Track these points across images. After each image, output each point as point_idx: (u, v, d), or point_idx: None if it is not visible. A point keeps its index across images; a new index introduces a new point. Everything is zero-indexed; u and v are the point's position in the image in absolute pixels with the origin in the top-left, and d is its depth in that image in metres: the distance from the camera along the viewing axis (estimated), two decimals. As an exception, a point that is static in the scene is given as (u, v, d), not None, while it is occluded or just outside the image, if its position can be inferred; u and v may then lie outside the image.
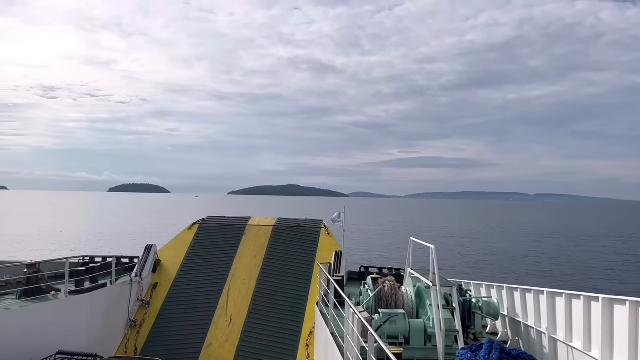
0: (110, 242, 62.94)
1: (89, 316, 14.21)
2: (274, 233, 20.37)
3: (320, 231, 20.47)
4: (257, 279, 18.14)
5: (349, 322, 8.98)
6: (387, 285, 11.37)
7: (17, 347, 11.37)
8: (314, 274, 17.84)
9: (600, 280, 43.62)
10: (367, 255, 53.39)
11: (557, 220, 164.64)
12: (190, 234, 20.51)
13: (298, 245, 19.72)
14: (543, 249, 69.07)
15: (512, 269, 48.96)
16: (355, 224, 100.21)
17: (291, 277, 18.15)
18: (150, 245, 18.50)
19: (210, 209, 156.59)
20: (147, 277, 17.67)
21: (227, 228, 20.89)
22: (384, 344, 6.98)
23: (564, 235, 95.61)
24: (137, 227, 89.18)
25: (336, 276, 14.44)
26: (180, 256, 19.27)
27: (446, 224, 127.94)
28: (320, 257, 18.51)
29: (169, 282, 18.13)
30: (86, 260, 17.85)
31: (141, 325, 16.39)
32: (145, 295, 17.25)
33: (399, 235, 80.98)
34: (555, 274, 46.47)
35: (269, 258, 19.08)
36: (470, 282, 15.21)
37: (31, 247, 54.74)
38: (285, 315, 16.66)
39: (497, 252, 62.97)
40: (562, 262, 55.25)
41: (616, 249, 70.55)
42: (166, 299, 17.45)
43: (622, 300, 7.63)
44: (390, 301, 11.11)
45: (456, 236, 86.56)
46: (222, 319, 16.67)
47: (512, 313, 12.17)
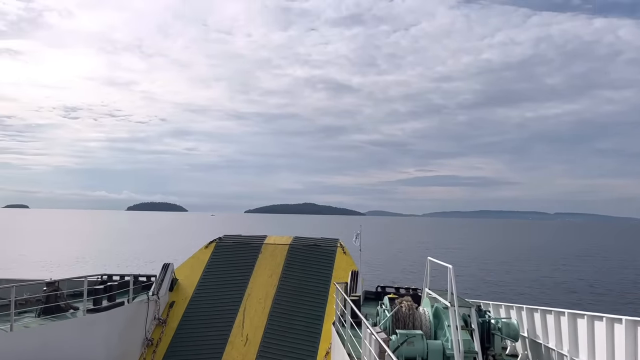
0: (128, 261, 63.41)
1: (107, 334, 14.28)
2: (290, 252, 20.34)
3: (337, 250, 20.37)
4: (273, 298, 18.09)
5: (366, 343, 8.91)
6: (405, 305, 11.26)
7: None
8: (330, 293, 17.73)
9: (623, 303, 42.58)
10: (384, 275, 52.94)
11: (579, 239, 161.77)
12: (207, 253, 20.58)
13: (314, 265, 19.63)
14: (565, 269, 67.78)
15: (532, 290, 48.07)
16: (372, 243, 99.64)
17: (307, 297, 18.05)
18: (167, 264, 18.61)
19: (226, 227, 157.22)
20: (164, 295, 17.73)
21: (243, 247, 20.92)
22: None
23: (587, 255, 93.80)
24: (154, 245, 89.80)
25: (353, 296, 14.35)
26: (197, 275, 19.33)
27: (464, 243, 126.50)
28: (336, 277, 18.41)
29: (185, 300, 18.17)
30: (104, 278, 18.01)
31: (158, 344, 16.40)
32: (162, 314, 17.30)
33: (416, 255, 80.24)
34: (577, 295, 45.50)
35: (285, 277, 19.03)
36: (489, 303, 14.98)
37: (50, 266, 55.41)
38: (302, 335, 16.53)
39: (517, 272, 61.94)
40: (586, 283, 54.11)
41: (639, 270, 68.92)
42: (183, 317, 17.48)
43: None
44: (408, 322, 10.99)
45: (474, 256, 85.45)
46: (238, 339, 16.62)
47: (532, 334, 11.94)
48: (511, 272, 62.57)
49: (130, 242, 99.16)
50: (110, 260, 64.09)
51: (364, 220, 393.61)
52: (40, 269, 52.01)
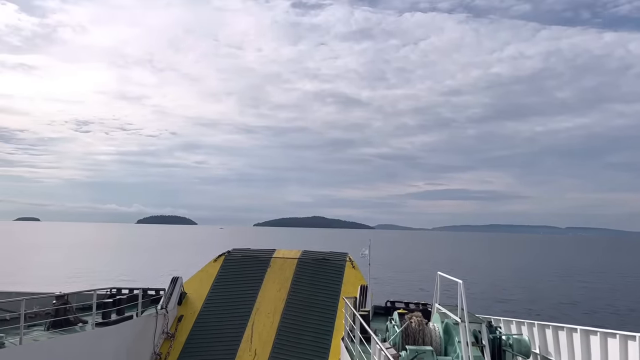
0: (137, 274, 63.55)
1: (115, 348, 14.28)
2: (298, 266, 20.28)
3: (346, 264, 20.26)
4: (281, 312, 18.01)
5: (376, 359, 8.82)
6: (415, 320, 11.15)
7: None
8: (339, 308, 17.61)
9: (637, 319, 41.89)
10: (394, 290, 52.55)
11: (592, 254, 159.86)
12: (216, 267, 20.58)
13: (323, 279, 19.54)
14: (578, 284, 66.95)
15: (544, 306, 47.46)
16: (381, 257, 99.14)
17: (316, 311, 17.94)
18: (176, 278, 18.61)
19: (235, 241, 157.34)
20: (173, 309, 17.72)
21: (252, 260, 20.90)
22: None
23: (599, 270, 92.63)
24: (163, 259, 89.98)
25: (362, 311, 14.25)
26: (206, 289, 19.31)
27: (474, 258, 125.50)
28: (345, 291, 18.30)
29: (194, 314, 18.14)
30: (113, 292, 18.06)
31: (166, 358, 16.37)
32: (170, 328, 17.27)
33: (426, 269, 79.65)
34: (590, 312, 44.85)
35: (293, 291, 18.95)
36: (500, 319, 14.82)
37: (60, 279, 55.66)
38: (310, 350, 16.41)
39: (529, 288, 61.26)
40: (599, 300, 53.36)
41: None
42: (191, 331, 17.44)
43: None
44: (418, 337, 10.88)
45: (485, 271, 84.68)
46: (247, 353, 16.53)
47: (544, 351, 11.77)
48: (523, 287, 61.87)
49: (140, 255, 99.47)
50: (120, 273, 64.29)
51: (374, 234, 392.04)
52: (50, 282, 52.23)
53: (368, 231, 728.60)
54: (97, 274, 62.86)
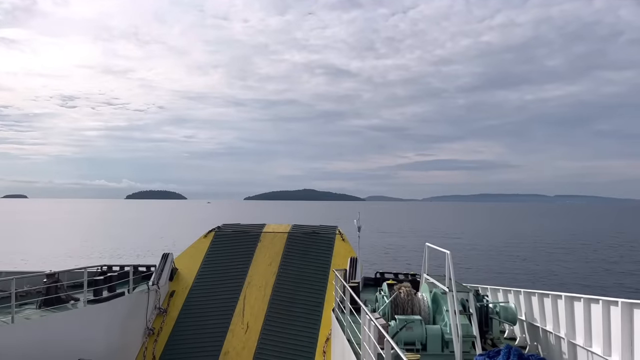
0: (127, 251, 63.63)
1: (108, 325, 14.42)
2: (288, 240, 20.48)
3: (335, 237, 20.53)
4: (272, 285, 18.25)
5: (365, 329, 9.01)
6: (403, 291, 11.38)
7: (37, 356, 11.60)
8: (329, 280, 17.90)
9: (620, 285, 42.93)
10: (383, 261, 53.23)
11: (576, 222, 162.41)
12: (206, 242, 20.70)
13: (313, 252, 19.79)
14: (562, 252, 68.18)
15: (530, 274, 48.41)
16: (371, 228, 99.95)
17: (307, 284, 18.22)
18: (167, 254, 18.73)
19: (225, 216, 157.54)
20: (164, 285, 17.87)
21: (243, 235, 21.05)
22: (400, 350, 7.02)
23: (584, 237, 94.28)
24: (153, 235, 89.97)
25: (352, 282, 14.48)
26: (197, 264, 19.47)
27: (463, 228, 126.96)
28: (335, 264, 18.56)
29: (185, 290, 18.32)
30: (104, 269, 18.13)
31: (159, 334, 16.57)
32: (162, 304, 17.45)
33: (416, 240, 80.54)
34: (574, 279, 45.83)
35: (284, 265, 19.18)
36: (487, 287, 15.12)
37: (50, 257, 55.59)
38: (302, 321, 16.72)
39: (515, 257, 62.31)
40: (582, 266, 54.48)
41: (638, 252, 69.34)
42: (183, 307, 17.63)
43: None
44: (407, 307, 11.11)
45: (473, 240, 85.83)
46: (239, 327, 16.79)
47: (530, 318, 12.09)
48: (510, 256, 62.91)
49: (129, 231, 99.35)
50: (110, 250, 64.33)
51: (364, 206, 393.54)
52: (40, 260, 52.18)
53: (359, 203, 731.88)
54: (87, 251, 62.84)
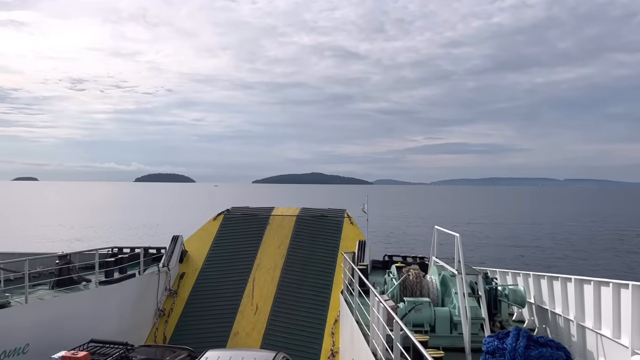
0: (137, 233, 64.22)
1: (119, 306, 14.64)
2: (297, 223, 20.58)
3: (344, 221, 20.60)
4: (281, 268, 18.40)
5: (374, 311, 9.07)
6: (412, 273, 11.42)
7: (51, 335, 11.82)
8: (337, 263, 18.01)
9: (631, 267, 42.80)
10: (391, 244, 53.37)
11: (586, 205, 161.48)
12: (216, 225, 20.85)
13: (321, 235, 19.90)
14: (571, 236, 67.96)
15: (539, 257, 48.36)
16: (380, 212, 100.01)
17: (315, 266, 18.35)
18: (176, 236, 18.90)
19: (233, 198, 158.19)
20: (175, 267, 18.07)
21: (252, 218, 21.17)
22: (409, 331, 7.07)
23: (592, 221, 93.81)
24: (162, 217, 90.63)
25: (360, 265, 14.55)
26: (206, 246, 19.63)
27: (472, 211, 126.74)
28: (343, 247, 18.64)
29: (195, 272, 18.51)
30: (115, 251, 18.35)
31: (169, 315, 16.81)
32: (172, 285, 17.66)
33: (424, 224, 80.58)
34: (584, 262, 45.72)
35: (293, 247, 19.31)
36: (495, 270, 15.13)
37: (62, 239, 56.28)
38: (310, 303, 16.88)
39: (524, 240, 62.21)
40: (590, 249, 54.32)
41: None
42: (193, 288, 17.85)
43: None
44: (415, 290, 11.16)
45: (482, 223, 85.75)
46: (248, 308, 16.97)
47: (539, 301, 12.10)
48: (519, 240, 62.80)
49: (139, 214, 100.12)
50: (120, 232, 64.96)
51: (372, 190, 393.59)
52: (52, 242, 52.84)
53: (367, 187, 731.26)
54: (97, 233, 63.50)
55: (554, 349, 6.81)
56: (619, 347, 8.21)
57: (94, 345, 11.36)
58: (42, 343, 11.51)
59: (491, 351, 6.94)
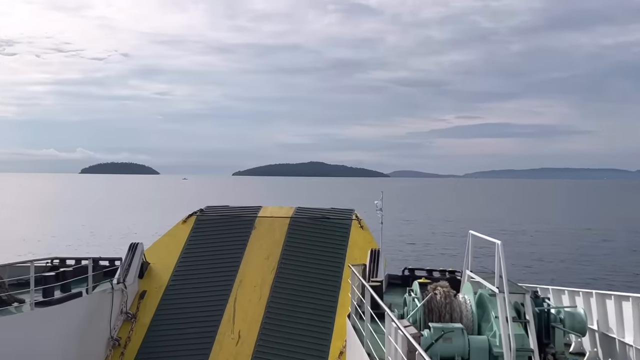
0: (85, 240, 64.20)
1: (61, 333, 14.62)
2: (291, 227, 20.58)
3: (352, 224, 20.59)
4: (271, 285, 18.40)
5: (391, 340, 9.10)
6: (440, 292, 11.43)
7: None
8: (343, 278, 17.99)
9: None
10: (413, 254, 53.46)
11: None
12: (186, 229, 20.84)
13: (323, 242, 19.89)
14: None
15: (605, 272, 48.40)
16: (398, 212, 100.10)
17: (315, 283, 18.35)
18: (135, 244, 18.86)
19: (209, 195, 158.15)
20: (133, 284, 18.07)
21: (232, 221, 21.17)
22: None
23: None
24: (117, 220, 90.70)
25: (373, 281, 14.57)
26: (174, 257, 19.63)
27: (518, 211, 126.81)
28: (351, 257, 18.65)
29: (159, 290, 18.52)
30: (56, 263, 18.32)
31: (126, 345, 16.83)
32: (130, 307, 17.67)
33: (455, 228, 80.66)
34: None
35: (285, 259, 19.31)
36: (548, 288, 15.18)
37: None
38: (309, 330, 16.90)
39: (585, 249, 62.25)
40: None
41: None
42: (157, 311, 17.85)
43: None
44: (444, 313, 11.17)
45: (530, 227, 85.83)
46: (228, 337, 17.01)
47: (603, 327, 12.13)
48: (578, 249, 62.84)
49: (86, 215, 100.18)
50: (63, 239, 64.93)
51: (388, 184, 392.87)
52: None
53: (381, 180, 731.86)
54: (33, 240, 63.44)
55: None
56: None
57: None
58: None
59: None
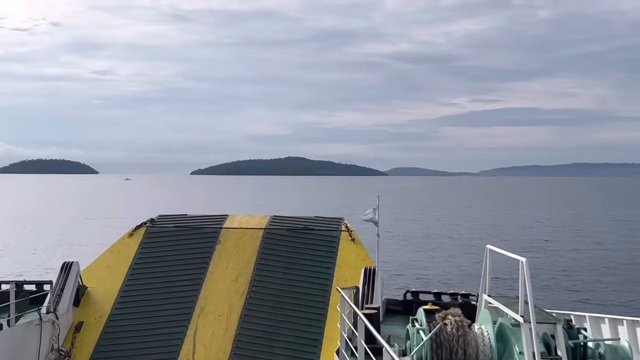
0: (4, 258, 63.63)
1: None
2: (265, 240, 20.56)
3: (340, 236, 20.61)
4: (240, 314, 18.33)
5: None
6: (451, 322, 11.52)
7: None
8: (330, 305, 17.99)
9: None
10: (416, 274, 53.55)
11: None
12: (132, 244, 20.75)
13: (305, 259, 19.90)
14: None
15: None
16: (398, 222, 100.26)
17: (295, 311, 18.32)
18: (69, 263, 18.71)
19: (162, 201, 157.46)
20: (66, 313, 17.94)
21: (191, 233, 21.11)
22: None
23: None
24: (43, 233, 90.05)
25: (367, 308, 14.61)
26: (118, 280, 19.53)
27: (548, 217, 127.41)
28: (340, 277, 18.67)
29: (100, 320, 18.42)
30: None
31: None
32: (63, 343, 17.54)
33: (469, 240, 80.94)
34: None
35: (258, 280, 19.27)
36: (584, 316, 15.30)
37: None
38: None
39: (630, 269, 62.62)
40: None
41: None
42: (96, 347, 17.74)
43: None
44: (456, 348, 11.27)
45: (561, 239, 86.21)
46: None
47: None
48: (620, 267, 63.19)
49: (7, 227, 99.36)
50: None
51: (386, 184, 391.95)
52: None
53: (378, 179, 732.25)
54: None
55: None
56: None
57: None
58: None
59: None
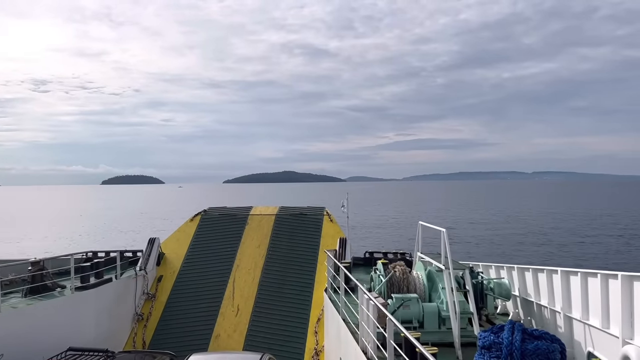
0: (112, 237, 62.78)
1: (96, 311, 14.18)
2: (276, 222, 20.36)
3: (323, 218, 20.48)
4: (262, 268, 18.16)
5: (364, 308, 8.93)
6: (399, 270, 11.33)
7: (27, 345, 11.32)
8: (319, 261, 17.87)
9: (608, 257, 43.89)
10: (370, 241, 53.50)
11: (553, 198, 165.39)
12: (192, 226, 20.47)
13: (301, 233, 19.73)
14: (544, 228, 69.38)
15: (522, 250, 49.10)
16: (354, 209, 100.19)
17: (296, 265, 18.18)
18: (153, 238, 18.48)
19: (204, 199, 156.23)
20: (152, 270, 17.64)
21: (229, 218, 20.86)
22: (404, 328, 6.96)
23: (563, 213, 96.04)
24: (137, 220, 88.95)
25: (343, 262, 14.41)
26: (184, 248, 19.24)
27: (444, 205, 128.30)
28: (324, 245, 18.51)
29: (173, 274, 18.12)
30: (90, 256, 17.77)
31: (148, 319, 16.39)
32: (150, 289, 17.24)
33: (400, 219, 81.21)
34: (568, 256, 46.58)
35: (273, 247, 19.09)
36: (479, 264, 15.17)
37: (30, 245, 54.57)
38: (292, 303, 16.70)
39: (500, 233, 63.17)
40: (562, 241, 55.53)
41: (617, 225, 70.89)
42: (172, 291, 17.46)
43: None
44: (402, 286, 11.07)
45: (455, 218, 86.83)
46: (229, 309, 16.68)
47: (524, 293, 12.15)
48: (495, 233, 63.73)
49: (110, 217, 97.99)
50: (93, 237, 63.41)
51: (345, 187, 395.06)
52: (22, 248, 51.19)
53: (339, 184, 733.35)
54: (69, 238, 61.79)
55: (549, 341, 6.74)
56: (609, 337, 8.24)
57: (72, 353, 10.92)
58: (18, 354, 11.00)
59: (487, 346, 6.83)
